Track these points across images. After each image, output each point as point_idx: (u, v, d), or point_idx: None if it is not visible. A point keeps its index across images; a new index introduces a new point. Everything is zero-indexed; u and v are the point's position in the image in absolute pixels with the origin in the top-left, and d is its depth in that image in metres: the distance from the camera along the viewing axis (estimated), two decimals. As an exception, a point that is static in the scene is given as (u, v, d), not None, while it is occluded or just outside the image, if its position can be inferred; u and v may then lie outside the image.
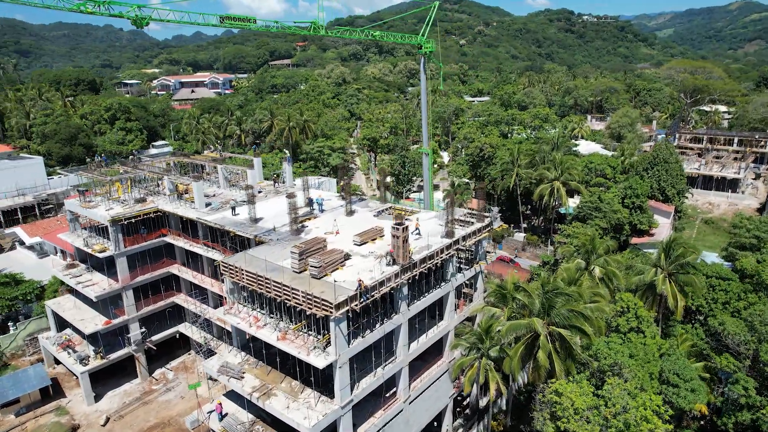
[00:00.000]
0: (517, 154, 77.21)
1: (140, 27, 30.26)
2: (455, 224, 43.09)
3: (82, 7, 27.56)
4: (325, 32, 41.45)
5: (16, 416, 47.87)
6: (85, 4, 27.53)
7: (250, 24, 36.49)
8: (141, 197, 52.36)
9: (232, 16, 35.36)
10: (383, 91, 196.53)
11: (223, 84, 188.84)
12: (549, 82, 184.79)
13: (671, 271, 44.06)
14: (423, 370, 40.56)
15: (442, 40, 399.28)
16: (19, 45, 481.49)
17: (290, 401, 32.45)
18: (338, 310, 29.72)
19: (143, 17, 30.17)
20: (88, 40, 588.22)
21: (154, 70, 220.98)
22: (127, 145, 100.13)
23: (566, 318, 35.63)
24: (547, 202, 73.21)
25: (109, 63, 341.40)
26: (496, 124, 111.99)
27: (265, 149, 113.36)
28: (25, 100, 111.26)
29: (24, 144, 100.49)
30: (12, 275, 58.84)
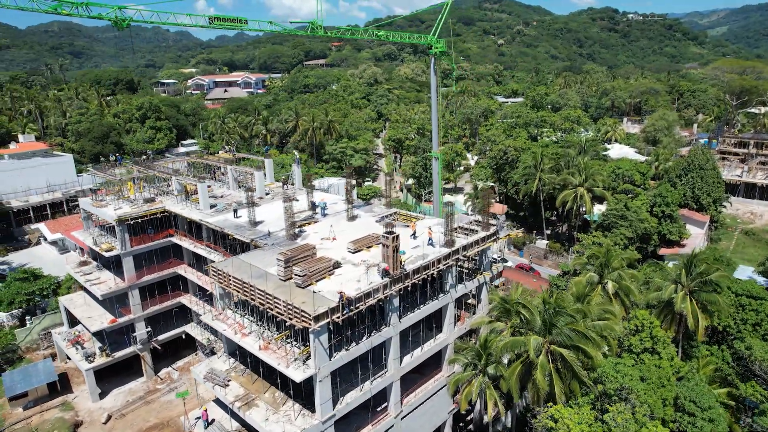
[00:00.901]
0: (540, 157, 74.18)
1: (120, 29, 29.88)
2: (459, 232, 41.37)
3: (58, 9, 27.39)
4: (323, 32, 40.32)
5: (23, 409, 48.90)
6: (60, 5, 27.34)
7: (241, 25, 35.77)
8: (150, 197, 52.71)
9: (221, 17, 34.68)
10: (415, 92, 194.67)
11: (256, 84, 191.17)
12: (586, 83, 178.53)
13: (693, 288, 40.76)
14: (419, 384, 38.90)
15: (479, 40, 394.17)
16: (73, 47, 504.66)
17: (271, 413, 31.47)
18: (317, 323, 28.48)
19: (123, 18, 29.80)
20: (137, 41, 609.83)
21: (191, 70, 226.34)
22: (153, 144, 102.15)
23: (568, 337, 33.29)
24: (570, 208, 69.97)
25: (152, 63, 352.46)
26: (525, 126, 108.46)
27: (290, 149, 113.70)
28: (63, 100, 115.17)
29: (59, 141, 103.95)
30: (31, 270, 60.47)
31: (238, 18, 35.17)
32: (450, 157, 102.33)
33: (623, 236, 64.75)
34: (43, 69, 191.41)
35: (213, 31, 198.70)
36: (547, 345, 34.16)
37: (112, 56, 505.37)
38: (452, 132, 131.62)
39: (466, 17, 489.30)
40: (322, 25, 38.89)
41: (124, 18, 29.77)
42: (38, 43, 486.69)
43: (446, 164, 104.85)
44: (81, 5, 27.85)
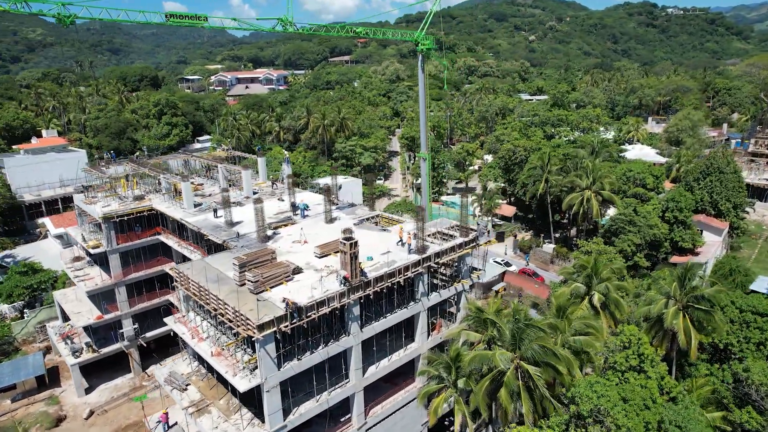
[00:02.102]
0: (547, 158, 71.33)
1: (65, 25, 29.48)
2: (437, 238, 39.71)
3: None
4: (294, 29, 39.17)
5: (12, 401, 49.84)
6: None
7: (201, 22, 34.94)
8: (139, 195, 52.82)
9: (178, 14, 33.91)
10: (437, 89, 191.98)
11: (277, 80, 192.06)
12: (614, 80, 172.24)
13: (687, 303, 37.97)
14: (387, 395, 37.54)
15: (510, 36, 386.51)
16: (111, 44, 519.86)
17: (221, 421, 30.70)
18: (261, 332, 27.46)
19: (67, 15, 29.33)
20: (173, 37, 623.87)
21: (216, 66, 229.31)
22: (165, 140, 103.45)
23: (537, 353, 31.30)
24: (577, 211, 67.02)
25: (184, 59, 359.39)
26: (541, 125, 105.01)
27: (302, 146, 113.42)
28: (84, 96, 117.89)
29: (78, 137, 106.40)
30: (30, 264, 61.76)
31: (197, 15, 34.38)
32: (461, 156, 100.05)
33: (631, 242, 61.58)
34: (74, 66, 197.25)
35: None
36: (516, 360, 32.26)
37: (148, 53, 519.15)
38: (468, 130, 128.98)
39: (499, 13, 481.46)
40: (292, 21, 37.73)
41: (68, 14, 29.31)
42: (79, 41, 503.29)
43: (457, 163, 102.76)
44: (18, 1, 27.46)
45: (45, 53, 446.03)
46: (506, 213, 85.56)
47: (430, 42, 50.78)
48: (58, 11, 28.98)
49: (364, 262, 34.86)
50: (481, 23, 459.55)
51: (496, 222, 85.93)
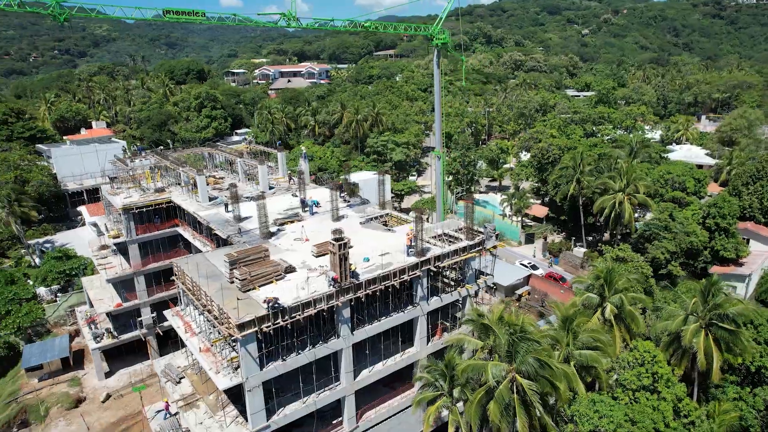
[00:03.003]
0: (580, 158, 68.00)
1: (60, 23, 30.16)
2: (443, 240, 38.40)
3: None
4: (298, 24, 38.56)
5: (39, 381, 52.37)
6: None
7: (199, 18, 34.95)
8: (160, 187, 54.09)
9: (174, 10, 34.10)
10: (480, 83, 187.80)
11: (319, 74, 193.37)
12: (669, 75, 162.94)
13: (710, 321, 35.00)
14: (383, 400, 36.69)
15: (561, 30, 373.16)
16: (169, 38, 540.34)
17: (207, 417, 30.82)
18: (242, 331, 27.21)
19: (61, 12, 29.95)
20: (228, 32, 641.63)
21: (262, 60, 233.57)
22: (202, 133, 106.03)
23: (533, 367, 29.59)
24: (608, 215, 63.60)
25: (234, 53, 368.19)
26: (582, 122, 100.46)
27: (329, 142, 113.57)
28: (131, 89, 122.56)
29: (122, 128, 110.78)
30: (65, 250, 64.67)
31: (194, 11, 34.50)
32: (495, 153, 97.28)
33: (665, 250, 57.84)
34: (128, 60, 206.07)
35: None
36: (512, 373, 30.66)
37: (202, 46, 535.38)
38: (507, 127, 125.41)
39: (552, 6, 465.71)
40: (295, 15, 37.15)
41: (62, 12, 29.98)
42: (140, 36, 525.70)
43: (491, 161, 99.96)
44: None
45: (108, 48, 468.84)
46: (538, 214, 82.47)
47: (445, 36, 49.12)
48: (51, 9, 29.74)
49: (360, 263, 34.14)
50: (533, 16, 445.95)
51: (527, 223, 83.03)
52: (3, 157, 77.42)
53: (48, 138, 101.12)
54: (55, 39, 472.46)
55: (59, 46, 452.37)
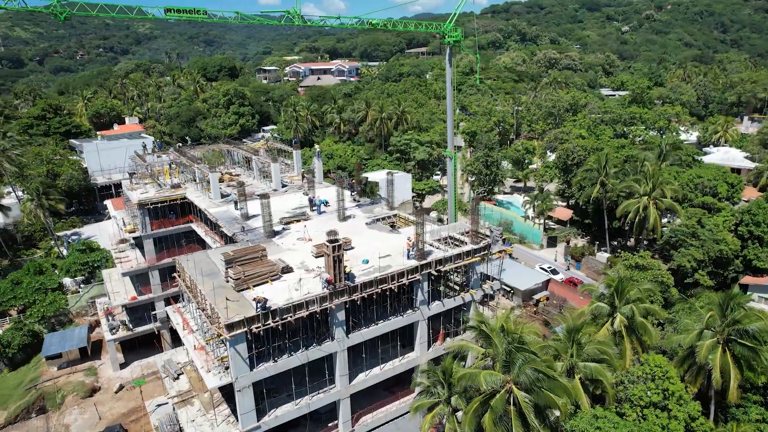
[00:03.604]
0: (604, 160, 65.55)
1: (61, 21, 30.63)
2: (448, 244, 37.47)
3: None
4: (302, 22, 38.14)
5: (58, 369, 54.08)
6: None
7: (200, 16, 34.98)
8: (176, 183, 54.88)
9: (175, 8, 34.16)
10: (512, 82, 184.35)
11: (349, 72, 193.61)
12: (711, 74, 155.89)
13: (728, 337, 32.92)
14: (381, 404, 36.10)
15: (600, 27, 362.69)
16: (207, 36, 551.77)
17: (200, 415, 30.94)
18: (230, 331, 27.09)
19: (61, 11, 30.39)
20: (265, 29, 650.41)
21: (294, 57, 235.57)
22: (227, 129, 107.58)
23: (530, 378, 28.41)
24: (632, 219, 61.10)
25: (269, 50, 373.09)
26: (612, 123, 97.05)
27: (360, 139, 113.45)
28: (162, 86, 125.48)
29: (152, 124, 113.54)
30: (88, 243, 66.58)
31: (195, 9, 34.57)
32: (520, 154, 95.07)
33: (691, 258, 55.12)
34: (164, 58, 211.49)
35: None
36: (509, 384, 29.55)
37: (239, 44, 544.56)
38: (536, 126, 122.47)
39: (591, 2, 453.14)
40: (299, 13, 36.75)
41: (62, 11, 30.47)
42: (180, 34, 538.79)
43: (516, 161, 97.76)
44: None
45: (149, 45, 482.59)
46: (562, 217, 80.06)
47: (458, 34, 47.92)
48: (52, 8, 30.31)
49: (359, 264, 33.63)
50: (572, 13, 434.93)
51: (550, 226, 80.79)
52: (36, 152, 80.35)
53: (82, 133, 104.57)
54: (101, 37, 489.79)
55: (104, 44, 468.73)
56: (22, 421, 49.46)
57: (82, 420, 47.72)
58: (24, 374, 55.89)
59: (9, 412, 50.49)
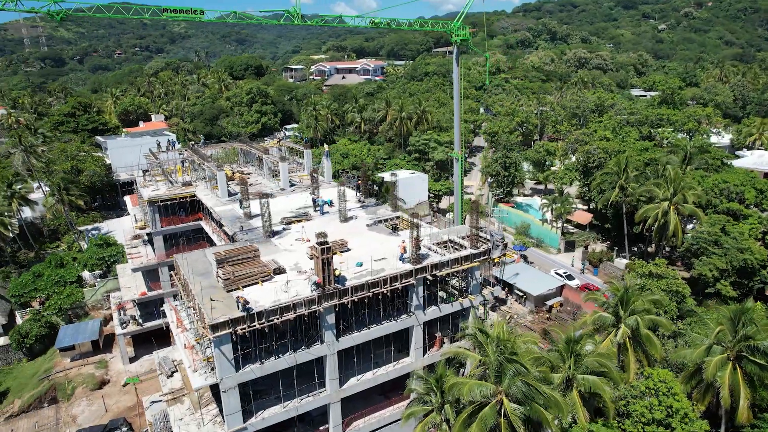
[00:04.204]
0: (624, 163, 63.29)
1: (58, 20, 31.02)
2: (447, 247, 36.63)
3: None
4: (302, 21, 37.67)
5: (71, 360, 55.43)
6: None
7: (198, 16, 34.92)
8: (187, 181, 55.51)
9: (172, 8, 34.16)
10: (540, 82, 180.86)
11: (374, 71, 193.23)
12: (750, 74, 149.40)
13: (739, 353, 31.08)
14: (374, 410, 35.52)
15: (635, 25, 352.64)
16: (239, 34, 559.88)
17: (189, 413, 30.97)
18: (215, 332, 26.97)
19: (57, 12, 30.79)
20: (296, 28, 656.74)
21: (321, 56, 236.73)
22: (247, 127, 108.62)
23: (522, 391, 27.40)
24: (652, 225, 58.80)
25: (299, 49, 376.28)
26: (638, 124, 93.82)
27: (380, 139, 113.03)
28: (187, 84, 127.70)
29: (176, 122, 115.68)
30: (105, 238, 68.08)
31: (193, 9, 34.58)
32: (541, 155, 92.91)
33: (713, 267, 52.64)
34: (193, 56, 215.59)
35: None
36: (499, 395, 28.57)
37: (270, 42, 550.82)
38: (560, 127, 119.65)
39: (627, 0, 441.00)
40: (299, 12, 36.34)
41: (58, 11, 30.89)
42: (212, 33, 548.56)
43: (536, 163, 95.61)
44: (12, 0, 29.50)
45: (183, 44, 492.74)
46: (581, 221, 77.81)
47: (465, 33, 46.73)
48: (48, 8, 30.84)
49: (353, 267, 33.14)
50: (606, 11, 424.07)
51: (569, 229, 78.65)
52: (62, 148, 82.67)
53: (108, 130, 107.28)
54: (138, 37, 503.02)
55: (140, 43, 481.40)
56: (34, 410, 50.85)
57: (89, 411, 48.72)
58: (40, 364, 57.50)
59: (23, 400, 52.00)
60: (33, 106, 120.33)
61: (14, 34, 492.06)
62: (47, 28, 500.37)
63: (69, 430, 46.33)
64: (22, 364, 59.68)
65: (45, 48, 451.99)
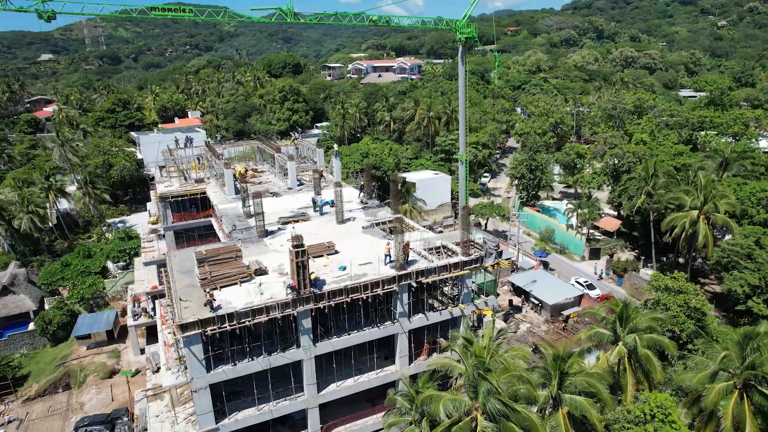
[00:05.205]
0: (653, 168, 59.74)
1: (47, 21, 31.62)
2: (440, 254, 35.38)
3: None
4: (295, 19, 37.00)
5: (87, 349, 57.39)
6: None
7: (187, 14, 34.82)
8: (200, 178, 56.36)
9: (160, 6, 34.20)
10: (582, 81, 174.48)
11: (411, 69, 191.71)
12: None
13: (747, 381, 28.37)
14: (358, 416, 34.73)
15: (692, 22, 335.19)
16: (285, 33, 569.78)
17: (167, 410, 31.10)
18: (184, 331, 26.87)
19: (45, 11, 31.32)
20: (341, 27, 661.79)
21: (360, 54, 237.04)
22: (275, 125, 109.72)
23: (495, 409, 25.94)
24: (679, 235, 55.21)
25: (342, 47, 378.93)
26: (678, 127, 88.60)
27: (408, 138, 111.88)
28: (222, 82, 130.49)
29: (210, 119, 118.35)
30: (127, 231, 70.18)
31: (181, 7, 34.60)
32: (571, 158, 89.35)
33: (744, 282, 48.83)
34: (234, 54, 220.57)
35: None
36: (475, 412, 27.19)
37: (315, 41, 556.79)
38: (597, 129, 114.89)
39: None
40: (292, 10, 35.70)
41: (46, 10, 31.50)
42: (260, 31, 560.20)
43: (566, 166, 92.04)
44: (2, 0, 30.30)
45: (231, 42, 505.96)
46: (609, 227, 74.17)
47: (471, 30, 44.90)
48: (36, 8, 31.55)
49: (335, 271, 32.44)
50: (662, 8, 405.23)
51: (595, 236, 75.16)
52: (96, 143, 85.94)
53: (144, 126, 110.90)
54: (189, 35, 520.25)
55: (190, 41, 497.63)
56: (49, 394, 52.92)
57: (97, 399, 50.21)
58: (59, 351, 59.85)
59: (40, 385, 54.14)
60: (78, 103, 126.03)
61: (78, 35, 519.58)
62: (107, 28, 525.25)
63: (76, 416, 47.88)
64: (46, 350, 62.26)
65: (104, 47, 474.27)
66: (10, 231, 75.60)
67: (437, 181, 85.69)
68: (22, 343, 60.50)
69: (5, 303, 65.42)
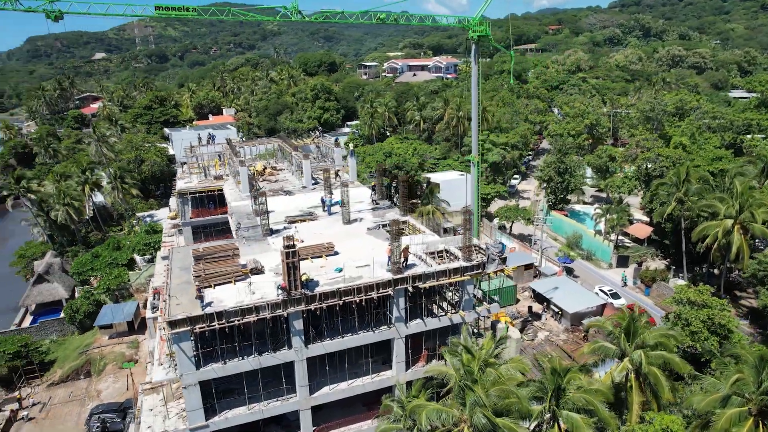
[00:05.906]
0: (685, 173, 56.61)
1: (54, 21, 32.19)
2: (442, 258, 34.46)
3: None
4: (299, 17, 36.51)
5: (108, 338, 59.26)
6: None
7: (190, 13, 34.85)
8: (219, 175, 57.17)
9: (164, 6, 34.32)
10: (623, 82, 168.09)
11: (446, 68, 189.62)
12: None
13: (763, 408, 26.21)
14: (353, 420, 34.24)
15: (750, 18, 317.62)
16: (327, 32, 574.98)
17: (160, 405, 31.48)
18: (173, 328, 27.04)
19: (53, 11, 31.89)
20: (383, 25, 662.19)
21: (397, 53, 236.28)
22: (304, 123, 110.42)
23: (482, 424, 24.91)
24: (711, 245, 52.07)
25: (382, 45, 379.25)
26: (722, 130, 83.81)
27: (437, 138, 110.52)
28: (257, 80, 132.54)
29: (242, 116, 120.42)
30: (154, 225, 72.08)
31: (185, 6, 34.68)
32: (603, 161, 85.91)
33: (779, 298, 45.59)
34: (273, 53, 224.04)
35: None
36: (463, 424, 26.21)
37: (357, 40, 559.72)
38: (635, 131, 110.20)
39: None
40: (297, 7, 35.27)
41: (53, 10, 32.12)
42: (302, 30, 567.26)
43: (598, 169, 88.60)
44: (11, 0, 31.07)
45: (273, 41, 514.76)
46: (639, 234, 70.88)
47: (484, 28, 43.38)
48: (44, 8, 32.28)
49: (331, 272, 32.06)
50: (717, 4, 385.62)
51: (624, 243, 72.02)
52: (129, 138, 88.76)
53: (179, 123, 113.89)
54: (233, 34, 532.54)
55: (234, 40, 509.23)
56: (71, 381, 54.92)
57: (113, 388, 51.71)
58: (84, 338, 62.09)
59: (63, 371, 56.31)
60: (120, 99, 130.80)
61: (130, 34, 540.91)
62: (157, 28, 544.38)
63: (92, 402, 49.44)
64: (74, 337, 64.71)
65: (153, 46, 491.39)
66: (48, 222, 79.06)
67: (462, 182, 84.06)
68: (53, 329, 63.00)
69: (40, 291, 68.47)
